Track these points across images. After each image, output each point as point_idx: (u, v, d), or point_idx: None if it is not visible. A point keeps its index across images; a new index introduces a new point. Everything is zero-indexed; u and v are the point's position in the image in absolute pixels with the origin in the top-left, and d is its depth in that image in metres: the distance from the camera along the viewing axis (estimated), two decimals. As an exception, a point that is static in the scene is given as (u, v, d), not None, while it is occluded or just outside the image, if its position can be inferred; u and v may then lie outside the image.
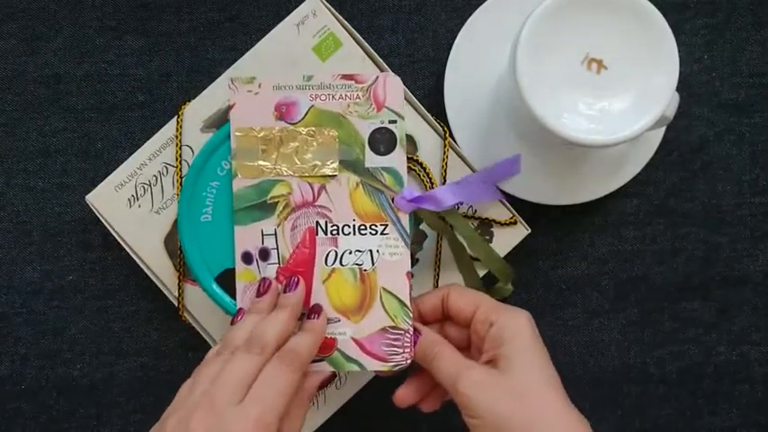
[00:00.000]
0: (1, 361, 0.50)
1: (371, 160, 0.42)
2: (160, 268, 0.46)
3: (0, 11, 0.50)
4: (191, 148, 0.45)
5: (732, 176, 0.51)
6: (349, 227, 0.42)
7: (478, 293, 0.41)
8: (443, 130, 0.46)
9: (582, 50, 0.40)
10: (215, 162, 0.42)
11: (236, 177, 0.42)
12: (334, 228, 0.42)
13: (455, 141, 0.47)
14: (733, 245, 0.51)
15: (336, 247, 0.42)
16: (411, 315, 0.41)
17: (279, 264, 0.42)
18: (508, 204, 0.46)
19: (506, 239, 0.47)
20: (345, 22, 0.45)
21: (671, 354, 0.51)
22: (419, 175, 0.45)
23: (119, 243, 0.46)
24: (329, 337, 0.41)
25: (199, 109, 0.45)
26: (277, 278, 0.42)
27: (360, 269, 0.42)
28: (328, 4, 0.45)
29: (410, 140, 0.46)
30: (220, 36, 0.50)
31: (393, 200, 0.42)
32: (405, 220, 0.42)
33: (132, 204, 0.45)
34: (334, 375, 0.42)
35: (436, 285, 0.46)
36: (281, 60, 0.45)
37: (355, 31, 0.46)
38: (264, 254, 0.42)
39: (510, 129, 0.48)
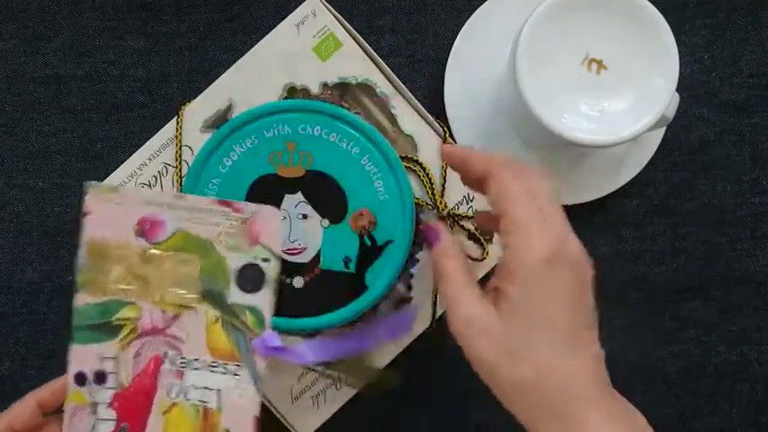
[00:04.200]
0: (1, 361, 0.50)
1: (236, 296, 0.39)
2: (160, 268, 0.46)
3: (0, 11, 0.50)
4: (190, 148, 0.45)
5: (732, 176, 0.51)
6: (199, 362, 0.39)
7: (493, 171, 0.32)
8: (443, 130, 0.46)
9: (582, 51, 0.40)
10: (217, 159, 0.42)
11: (79, 292, 0.38)
12: (183, 361, 0.39)
13: (455, 141, 0.47)
14: (733, 245, 0.51)
15: (182, 380, 0.39)
16: None
17: (116, 389, 0.38)
18: (508, 204, 0.46)
19: (506, 239, 0.46)
20: (345, 22, 0.46)
21: (671, 354, 0.51)
22: (419, 175, 0.45)
23: (119, 243, 0.46)
24: None
25: (199, 109, 0.46)
26: (112, 404, 0.38)
27: (204, 406, 0.38)
28: (328, 5, 0.45)
29: (410, 140, 0.46)
30: (220, 36, 0.50)
31: (251, 341, 0.39)
32: (260, 364, 0.39)
33: (132, 204, 0.45)
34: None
35: (436, 286, 0.46)
36: (281, 60, 0.45)
37: (355, 32, 0.46)
38: (101, 377, 0.38)
39: (510, 129, 0.48)
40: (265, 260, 0.39)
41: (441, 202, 0.45)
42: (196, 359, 0.39)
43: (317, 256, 0.43)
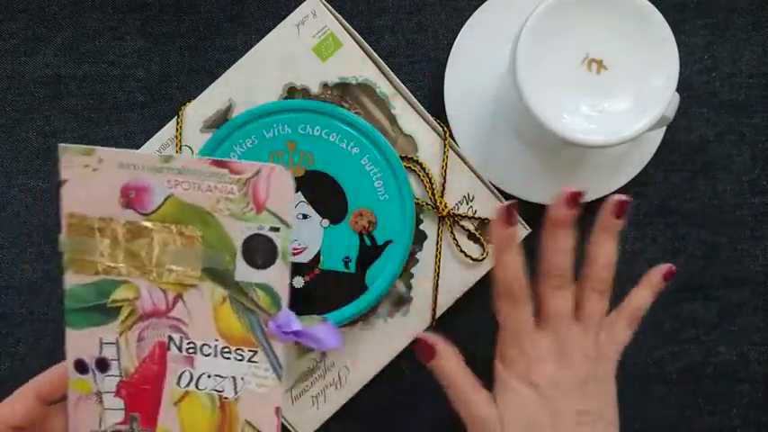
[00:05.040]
0: (1, 361, 0.50)
1: (244, 273, 0.34)
2: (160, 268, 0.46)
3: (0, 11, 0.50)
4: (190, 148, 0.45)
5: (732, 176, 0.51)
6: (209, 347, 0.35)
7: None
8: (443, 130, 0.46)
9: (582, 50, 0.40)
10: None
11: (67, 272, 0.34)
12: (191, 346, 0.35)
13: (455, 141, 0.47)
14: (733, 245, 0.51)
15: (192, 367, 0.35)
16: None
17: (121, 377, 0.35)
18: (508, 204, 0.46)
19: (506, 239, 0.46)
20: (345, 23, 0.46)
21: (671, 354, 0.51)
22: (419, 175, 0.45)
23: (119, 243, 0.46)
24: None
25: (199, 109, 0.46)
26: (118, 392, 0.35)
27: (219, 396, 0.35)
28: (328, 5, 0.45)
29: (410, 140, 0.46)
30: (220, 36, 0.50)
31: (266, 323, 0.35)
32: (279, 348, 0.35)
33: (132, 204, 0.45)
34: None
35: (436, 286, 0.46)
36: (281, 60, 0.45)
37: (355, 32, 0.46)
38: (103, 365, 0.35)
39: (510, 129, 0.48)
40: (274, 229, 0.34)
41: (440, 202, 0.45)
42: (206, 344, 0.35)
43: (317, 256, 0.43)
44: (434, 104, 0.49)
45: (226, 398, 0.35)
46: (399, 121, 0.46)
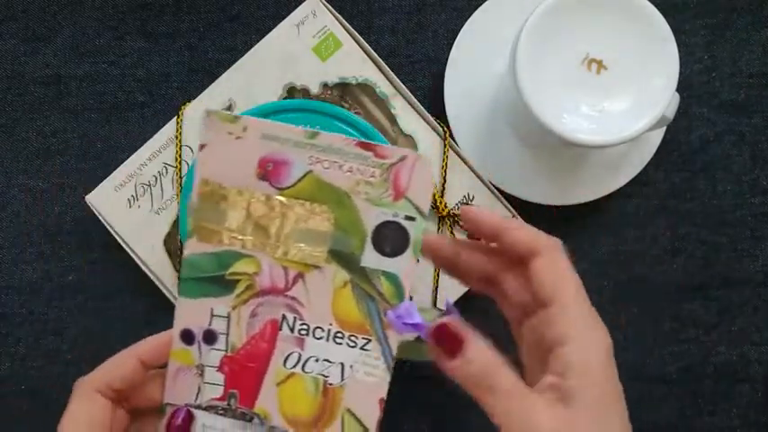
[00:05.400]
0: (1, 361, 0.50)
1: (371, 259, 0.33)
2: (160, 268, 0.46)
3: (0, 11, 0.50)
4: (191, 148, 0.45)
5: (732, 176, 0.51)
6: (322, 330, 0.34)
7: (558, 269, 0.31)
8: (443, 130, 0.46)
9: (582, 51, 0.40)
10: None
11: (189, 239, 0.34)
12: (304, 327, 0.34)
13: (455, 141, 0.47)
14: (733, 245, 0.51)
15: (302, 349, 0.34)
16: None
17: (226, 352, 0.34)
18: (508, 204, 0.46)
19: (506, 239, 0.46)
20: (345, 23, 0.46)
21: (671, 354, 0.51)
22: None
23: (119, 243, 0.46)
24: None
25: (199, 109, 0.46)
26: (221, 367, 0.34)
27: (324, 381, 0.34)
28: (328, 5, 0.45)
29: (410, 140, 0.46)
30: (220, 36, 0.50)
31: (385, 313, 0.34)
32: (394, 339, 0.34)
33: (132, 204, 0.45)
34: None
35: (436, 283, 0.46)
36: (281, 60, 0.45)
37: (355, 32, 0.46)
38: (210, 337, 0.34)
39: (510, 129, 0.48)
40: (409, 218, 0.33)
41: (441, 202, 0.45)
42: (319, 327, 0.34)
43: (317, 256, 0.43)
44: (434, 104, 0.49)
45: (330, 384, 0.34)
46: (399, 121, 0.46)
